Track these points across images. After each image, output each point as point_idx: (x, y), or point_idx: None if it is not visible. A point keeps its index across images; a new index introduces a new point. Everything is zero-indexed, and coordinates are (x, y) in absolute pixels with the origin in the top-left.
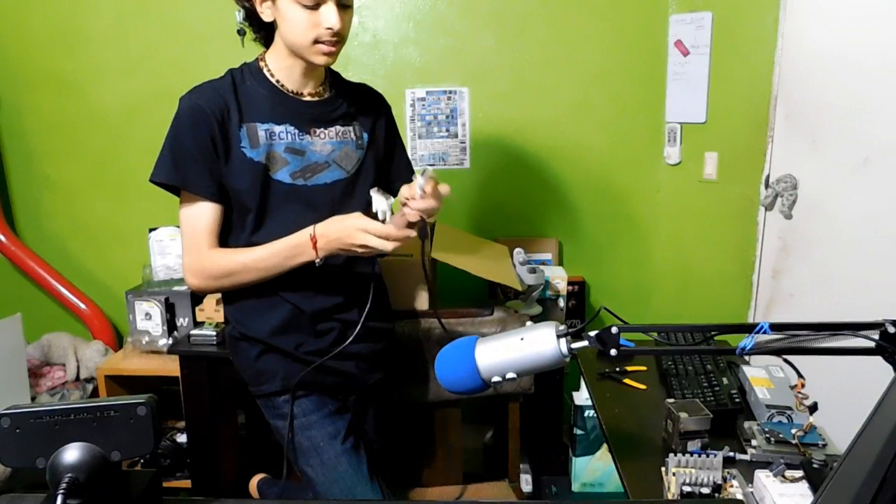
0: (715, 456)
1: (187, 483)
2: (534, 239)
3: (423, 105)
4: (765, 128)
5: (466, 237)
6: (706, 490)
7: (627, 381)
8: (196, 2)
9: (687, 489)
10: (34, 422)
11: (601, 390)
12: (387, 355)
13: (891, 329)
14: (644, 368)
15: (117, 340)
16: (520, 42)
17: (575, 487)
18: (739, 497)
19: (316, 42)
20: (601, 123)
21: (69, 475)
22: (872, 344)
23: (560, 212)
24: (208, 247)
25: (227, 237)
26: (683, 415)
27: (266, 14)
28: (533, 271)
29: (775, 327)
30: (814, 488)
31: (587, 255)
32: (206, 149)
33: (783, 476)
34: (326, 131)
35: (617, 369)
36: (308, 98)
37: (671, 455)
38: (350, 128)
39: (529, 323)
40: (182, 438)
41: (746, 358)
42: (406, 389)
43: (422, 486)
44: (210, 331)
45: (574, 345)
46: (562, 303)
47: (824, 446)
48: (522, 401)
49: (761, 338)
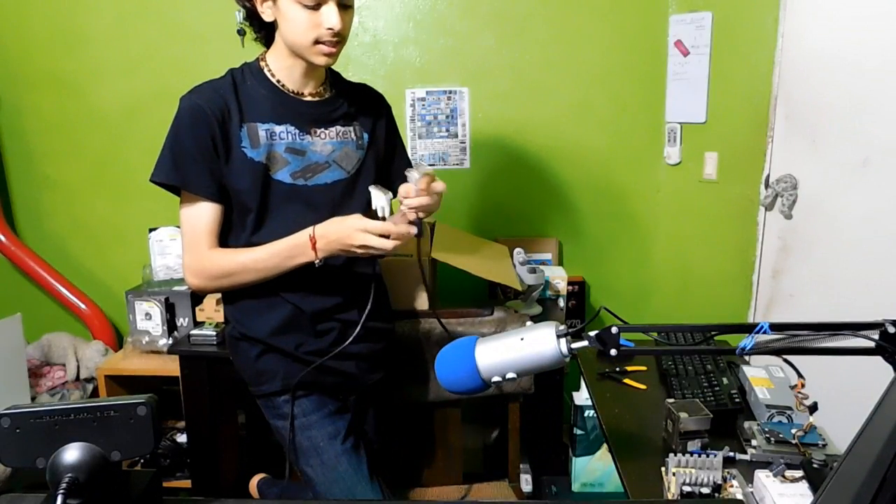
0: (715, 456)
1: (187, 483)
2: (534, 239)
3: (423, 105)
4: (765, 128)
5: (466, 237)
6: (706, 490)
7: (627, 381)
8: (196, 2)
9: (687, 489)
10: (34, 422)
11: (601, 390)
12: (387, 355)
13: (891, 329)
14: (644, 368)
15: (117, 340)
16: (520, 42)
17: (575, 487)
18: (739, 497)
19: (316, 42)
20: (601, 123)
21: (69, 475)
22: (872, 344)
23: (560, 212)
24: (208, 247)
25: (228, 237)
26: (683, 415)
27: (267, 14)
28: (533, 271)
29: (775, 327)
30: (814, 488)
31: (587, 255)
32: (207, 149)
33: (783, 476)
34: (327, 131)
35: (617, 369)
36: (309, 98)
37: (671, 455)
38: (350, 128)
39: (529, 323)
40: (182, 438)
41: (746, 358)
42: (406, 389)
43: (422, 486)
44: (210, 331)
45: (574, 345)
46: (562, 303)
47: (824, 446)
48: (522, 401)
49: (761, 338)
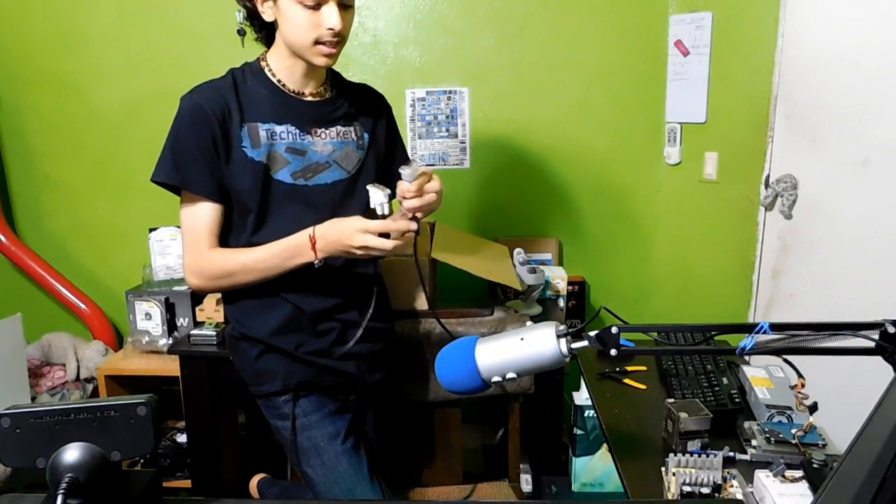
0: (715, 456)
1: (187, 483)
2: (534, 239)
3: (423, 105)
4: (765, 128)
5: (466, 237)
6: (706, 490)
7: (627, 381)
8: (196, 2)
9: (687, 489)
10: (34, 422)
11: (601, 390)
12: (387, 355)
13: (891, 329)
14: (644, 368)
15: (117, 340)
16: (520, 42)
17: (575, 487)
18: (739, 497)
19: (317, 42)
20: (601, 123)
21: (69, 475)
22: (872, 344)
23: (560, 212)
24: (208, 247)
25: (228, 237)
26: (683, 415)
27: (267, 14)
28: (533, 271)
29: (775, 327)
30: (814, 488)
31: (587, 255)
32: (207, 149)
33: (783, 476)
34: (327, 131)
35: (617, 369)
36: (309, 98)
37: (671, 455)
38: (351, 128)
39: (529, 323)
40: (182, 438)
41: (746, 358)
42: (406, 389)
43: (422, 486)
44: (210, 331)
45: (574, 345)
46: (562, 303)
47: (824, 446)
48: (522, 401)
49: (761, 338)
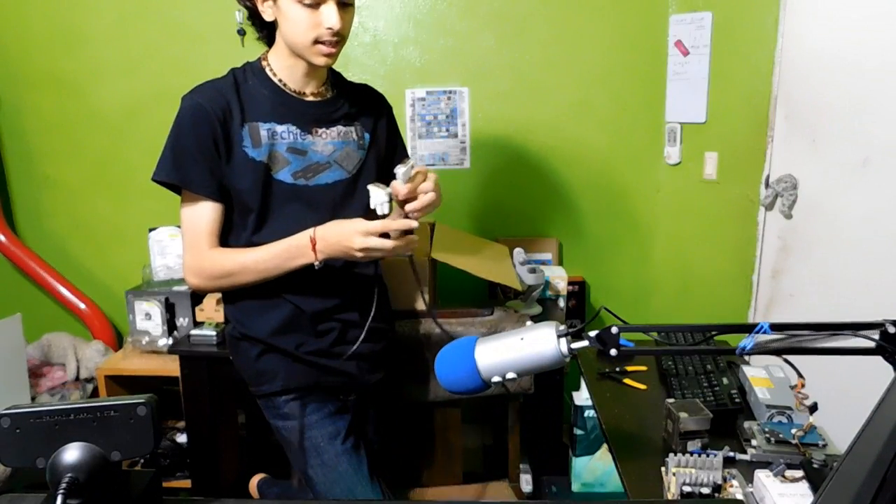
0: (715, 456)
1: (187, 483)
2: (534, 239)
3: (423, 105)
4: (765, 128)
5: (466, 237)
6: (706, 490)
7: (627, 381)
8: (196, 2)
9: (687, 489)
10: (34, 422)
11: (601, 390)
12: (387, 355)
13: (891, 329)
14: (644, 368)
15: (117, 340)
16: (520, 42)
17: (575, 487)
18: (739, 497)
19: (316, 42)
20: (601, 123)
21: (69, 475)
22: (872, 344)
23: (560, 211)
24: (209, 246)
25: (228, 237)
26: (683, 415)
27: (267, 14)
28: (533, 271)
29: (775, 327)
30: (814, 488)
31: (587, 255)
32: (208, 148)
33: (783, 476)
34: (328, 131)
35: (617, 369)
36: (310, 98)
37: (671, 455)
38: (352, 128)
39: (529, 323)
40: (182, 438)
41: (746, 358)
42: (406, 389)
43: (422, 486)
44: (210, 331)
45: (574, 345)
46: (562, 303)
47: (824, 446)
48: (522, 401)
49: (761, 338)
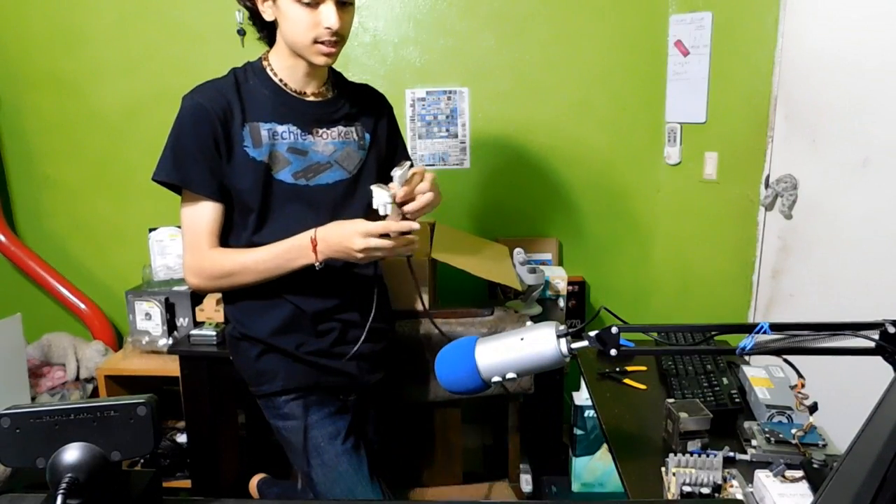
0: (715, 456)
1: (187, 483)
2: (534, 239)
3: (423, 105)
4: (765, 128)
5: (466, 237)
6: (706, 490)
7: (627, 381)
8: (196, 2)
9: (687, 489)
10: (34, 422)
11: (601, 390)
12: (387, 355)
13: (891, 329)
14: (644, 368)
15: (117, 340)
16: (520, 42)
17: (575, 487)
18: (739, 497)
19: (315, 41)
20: (601, 123)
21: (69, 475)
22: (872, 344)
23: (560, 212)
24: (209, 246)
25: (229, 237)
26: (683, 415)
27: (267, 13)
28: (533, 271)
29: (775, 327)
30: (814, 488)
31: (587, 255)
32: (208, 148)
33: (783, 476)
34: (329, 131)
35: (617, 369)
36: (311, 98)
37: (671, 455)
38: (352, 128)
39: (529, 323)
40: (182, 438)
41: (746, 358)
42: (406, 389)
43: (422, 486)
44: (210, 331)
45: (574, 345)
46: (562, 303)
47: (824, 446)
48: (522, 401)
49: (761, 338)
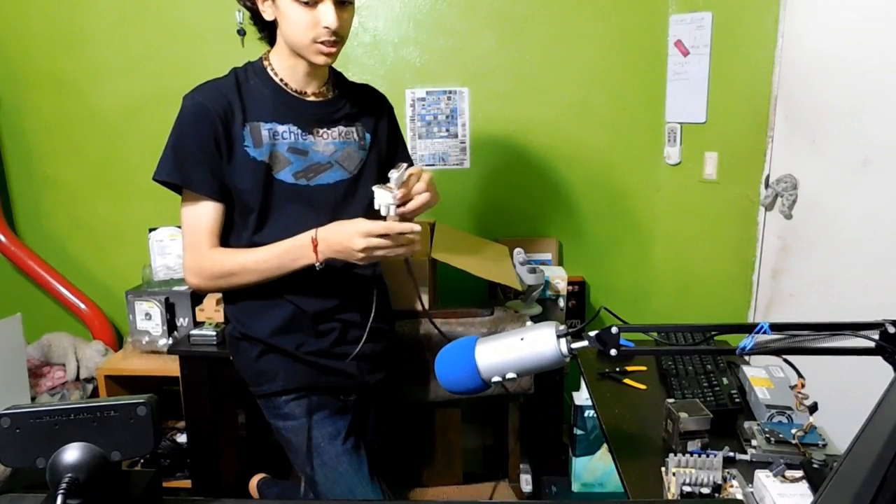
0: (715, 456)
1: (187, 483)
2: (534, 239)
3: (423, 105)
4: (765, 128)
5: (466, 237)
6: (706, 490)
7: (627, 381)
8: (196, 2)
9: (687, 489)
10: (34, 422)
11: (601, 390)
12: (387, 355)
13: (891, 329)
14: (644, 368)
15: (117, 340)
16: (520, 42)
17: (575, 487)
18: (739, 497)
19: (315, 41)
20: (601, 123)
21: (69, 475)
22: (872, 344)
23: (560, 212)
24: (209, 246)
25: (229, 236)
26: (683, 415)
27: (267, 13)
28: (533, 271)
29: (775, 327)
30: (814, 488)
31: (587, 255)
32: (209, 148)
33: (783, 476)
34: (329, 132)
35: (617, 369)
36: (312, 98)
37: (671, 455)
38: (353, 128)
39: (529, 323)
40: (182, 438)
41: (746, 358)
42: (406, 389)
43: (422, 486)
44: (210, 331)
45: (574, 345)
46: (562, 303)
47: (824, 446)
48: (522, 401)
49: (761, 338)
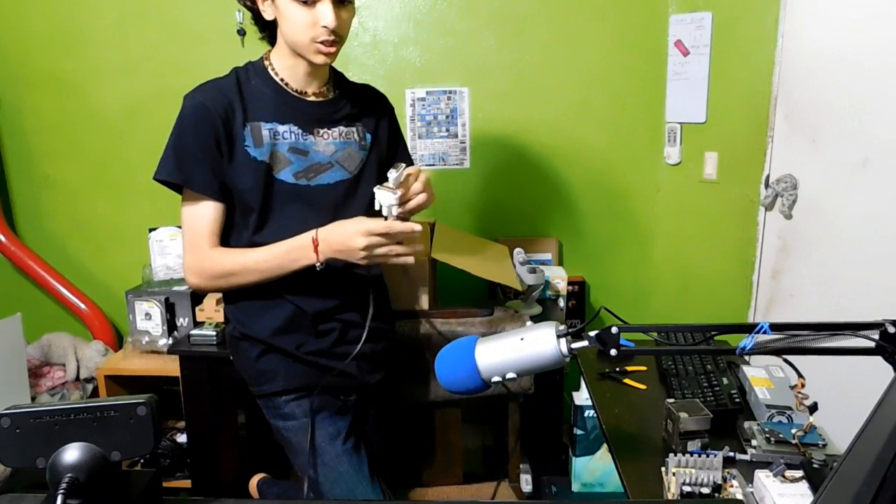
0: (715, 456)
1: (187, 483)
2: (534, 239)
3: (423, 105)
4: (765, 128)
5: (466, 237)
6: (706, 490)
7: (627, 381)
8: (196, 2)
9: (687, 489)
10: (34, 422)
11: (601, 390)
12: (387, 355)
13: (891, 329)
14: (644, 368)
15: (117, 340)
16: (520, 42)
17: (575, 487)
18: (739, 497)
19: (314, 41)
20: (601, 123)
21: (69, 475)
22: (872, 344)
23: (560, 211)
24: (209, 246)
25: (229, 236)
26: (683, 415)
27: (267, 13)
28: (533, 271)
29: (775, 327)
30: (814, 488)
31: (587, 255)
32: (210, 147)
33: (783, 476)
34: (330, 132)
35: (617, 369)
36: (312, 98)
37: (671, 455)
38: (353, 129)
39: (529, 323)
40: (182, 438)
41: (746, 358)
42: (406, 389)
43: (422, 486)
44: (210, 331)
45: (574, 345)
46: (562, 303)
47: (824, 446)
48: (522, 401)
49: (761, 338)
